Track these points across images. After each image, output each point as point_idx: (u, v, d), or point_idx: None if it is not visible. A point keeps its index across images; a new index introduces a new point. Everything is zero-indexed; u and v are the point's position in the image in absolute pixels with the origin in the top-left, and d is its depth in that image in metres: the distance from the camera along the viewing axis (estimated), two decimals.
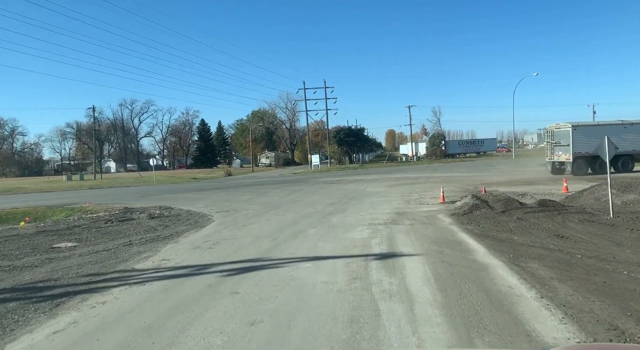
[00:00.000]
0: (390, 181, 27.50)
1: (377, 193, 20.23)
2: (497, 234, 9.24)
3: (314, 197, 19.65)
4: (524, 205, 13.20)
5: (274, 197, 20.96)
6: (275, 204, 17.93)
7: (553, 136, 25.10)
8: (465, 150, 78.63)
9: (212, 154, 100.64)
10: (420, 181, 26.15)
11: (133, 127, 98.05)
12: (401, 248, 8.26)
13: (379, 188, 22.93)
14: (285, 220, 13.09)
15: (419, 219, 11.99)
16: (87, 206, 19.85)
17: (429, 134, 79.53)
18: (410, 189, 20.96)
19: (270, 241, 9.66)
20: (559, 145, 24.66)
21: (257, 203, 18.62)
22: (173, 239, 10.87)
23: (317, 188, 25.04)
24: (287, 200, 19.23)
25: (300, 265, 7.25)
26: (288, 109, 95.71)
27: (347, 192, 21.70)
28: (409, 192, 19.74)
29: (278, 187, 27.01)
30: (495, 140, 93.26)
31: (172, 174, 66.20)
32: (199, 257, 8.44)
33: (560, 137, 24.60)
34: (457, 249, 7.96)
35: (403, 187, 22.71)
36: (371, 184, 26.21)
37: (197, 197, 23.40)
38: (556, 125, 25.37)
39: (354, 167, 56.87)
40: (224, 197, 22.57)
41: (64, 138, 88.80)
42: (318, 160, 60.08)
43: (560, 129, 24.86)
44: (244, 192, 24.61)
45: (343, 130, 66.47)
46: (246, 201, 19.68)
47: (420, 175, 32.40)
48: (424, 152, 74.52)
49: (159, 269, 7.66)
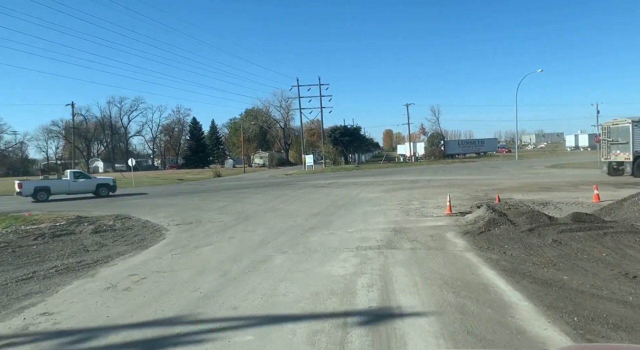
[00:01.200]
0: (386, 185, 24.72)
1: (371, 200, 17.44)
2: (536, 270, 6.49)
3: (297, 205, 16.84)
4: (554, 220, 10.44)
5: (252, 204, 18.15)
6: (250, 213, 15.12)
7: (609, 133, 22.34)
8: (464, 151, 76.06)
9: (204, 154, 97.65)
10: (420, 185, 23.40)
11: (122, 126, 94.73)
12: (400, 298, 5.48)
13: (373, 193, 20.15)
14: (253, 239, 10.30)
15: (423, 239, 9.23)
16: (26, 215, 16.98)
17: (428, 133, 76.85)
18: (409, 195, 18.19)
19: (215, 279, 6.86)
20: (616, 143, 21.96)
21: (230, 212, 15.80)
22: (94, 269, 8.08)
23: (304, 193, 22.23)
24: (265, 208, 16.42)
25: (236, 338, 4.46)
26: (282, 107, 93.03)
27: (336, 198, 18.90)
28: (408, 199, 16.96)
29: (261, 191, 24.20)
30: (496, 141, 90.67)
31: (158, 175, 63.24)
32: (100, 309, 5.65)
33: (618, 134, 21.92)
34: (486, 303, 5.19)
35: (401, 192, 19.93)
36: (365, 188, 23.42)
37: (167, 202, 20.59)
38: (613, 121, 22.66)
39: (349, 168, 54.12)
40: (196, 203, 19.75)
41: (50, 136, 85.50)
42: (312, 161, 57.27)
43: (617, 125, 22.13)
44: (221, 198, 21.79)
45: (338, 129, 63.62)
46: (218, 209, 16.86)
47: (419, 177, 29.65)
48: (423, 152, 71.86)
49: (16, 336, 4.85)
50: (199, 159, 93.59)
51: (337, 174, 42.71)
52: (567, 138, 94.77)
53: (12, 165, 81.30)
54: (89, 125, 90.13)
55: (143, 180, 48.73)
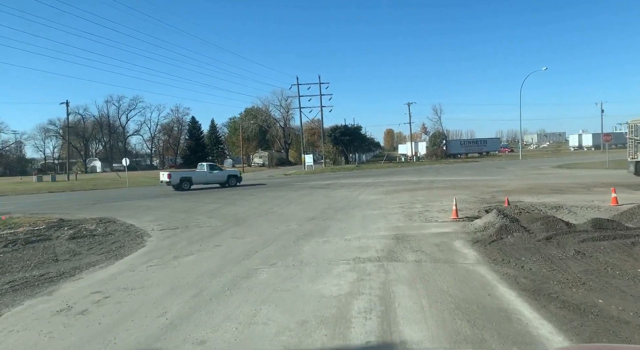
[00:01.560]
0: (387, 186, 23.74)
1: (371, 203, 16.46)
2: (562, 291, 5.51)
3: (292, 209, 15.86)
4: (573, 227, 9.45)
5: (245, 206, 17.17)
6: (241, 217, 14.15)
7: (638, 131, 21.20)
8: (467, 150, 75.07)
9: (204, 153, 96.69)
10: (422, 186, 22.43)
11: (120, 125, 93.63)
12: (404, 330, 4.49)
13: (374, 195, 19.17)
14: (239, 248, 9.32)
15: (428, 249, 8.25)
16: (2, 219, 16.02)
17: (429, 133, 75.75)
18: (412, 197, 17.21)
19: (187, 300, 5.89)
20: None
21: (220, 216, 14.83)
22: (55, 284, 7.11)
23: (300, 195, 21.26)
24: (258, 212, 15.45)
25: None
26: (282, 106, 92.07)
27: (335, 200, 17.92)
28: (411, 201, 15.98)
29: (256, 193, 23.23)
30: (499, 140, 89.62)
31: (155, 175, 62.22)
32: (40, 342, 4.67)
33: None
34: (510, 337, 4.21)
35: (403, 194, 18.95)
36: (366, 189, 22.45)
37: (155, 205, 19.62)
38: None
39: (349, 168, 53.14)
40: (186, 205, 18.78)
41: (47, 136, 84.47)
42: (312, 161, 56.29)
43: None
44: (213, 199, 20.82)
45: (339, 128, 62.58)
46: (208, 212, 15.89)
47: (422, 178, 28.66)
48: (424, 152, 70.81)
49: None
50: (198, 159, 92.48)
51: (337, 174, 41.74)
52: (571, 137, 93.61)
53: (9, 164, 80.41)
54: (86, 124, 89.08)
55: (139, 181, 47.81)
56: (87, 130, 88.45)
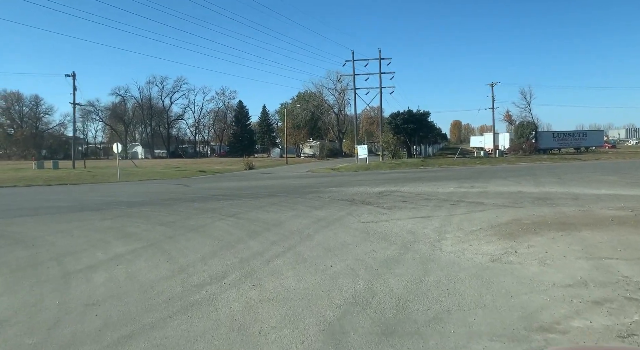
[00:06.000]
0: (491, 206, 12.62)
1: (487, 275, 5.73)
2: None
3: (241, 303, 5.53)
4: None
5: (170, 261, 7.08)
6: None
7: None
8: (560, 145, 60.66)
9: (250, 141, 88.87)
10: (575, 212, 11.15)
11: (164, 108, 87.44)
12: None
13: (483, 242, 8.37)
14: None
15: None
16: None
17: (515, 122, 61.82)
18: (590, 253, 6.28)
19: None
20: None
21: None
22: None
23: (300, 239, 10.83)
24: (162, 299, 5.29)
25: None
26: (337, 90, 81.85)
27: (386, 265, 7.38)
28: (612, 287, 5.07)
29: (244, 211, 13.15)
30: (602, 133, 73.36)
31: (183, 163, 54.62)
32: None
33: None
34: None
35: (560, 239, 7.94)
36: (452, 210, 11.59)
37: (52, 229, 10.13)
38: None
39: (413, 163, 41.88)
40: (99, 236, 9.06)
41: (86, 119, 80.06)
42: (366, 152, 45.60)
43: None
44: (154, 223, 11.00)
45: (401, 115, 51.11)
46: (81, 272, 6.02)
47: (545, 189, 17.13)
48: (507, 145, 57.51)
49: None
50: (244, 147, 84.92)
51: (396, 173, 30.92)
52: None
53: (50, 147, 76.99)
54: (128, 107, 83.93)
55: (155, 171, 39.78)
56: (128, 114, 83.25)
